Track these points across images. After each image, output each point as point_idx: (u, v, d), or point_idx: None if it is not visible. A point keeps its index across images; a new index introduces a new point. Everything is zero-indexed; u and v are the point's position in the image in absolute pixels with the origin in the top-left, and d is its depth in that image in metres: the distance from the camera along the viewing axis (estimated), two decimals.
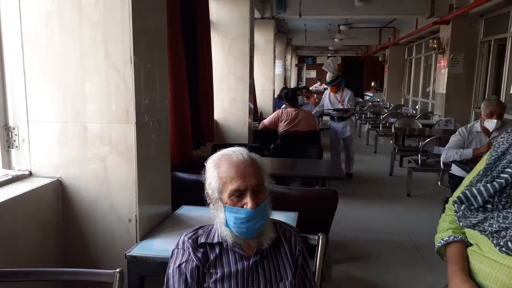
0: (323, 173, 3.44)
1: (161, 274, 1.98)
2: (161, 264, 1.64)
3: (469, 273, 1.13)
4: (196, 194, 2.49)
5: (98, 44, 1.73)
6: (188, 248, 1.27)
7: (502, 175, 1.08)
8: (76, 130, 1.80)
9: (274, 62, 7.52)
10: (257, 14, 6.86)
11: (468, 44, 7.37)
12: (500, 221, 1.02)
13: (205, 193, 1.32)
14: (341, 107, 5.86)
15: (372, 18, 10.08)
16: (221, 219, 1.24)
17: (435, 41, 7.81)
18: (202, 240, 1.28)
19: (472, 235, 1.14)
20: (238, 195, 1.21)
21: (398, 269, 3.29)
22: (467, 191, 1.12)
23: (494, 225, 1.03)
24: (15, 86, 1.80)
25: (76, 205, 1.83)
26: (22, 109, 1.82)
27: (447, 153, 3.48)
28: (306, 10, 7.25)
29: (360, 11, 7.24)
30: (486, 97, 7.01)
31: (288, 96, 5.01)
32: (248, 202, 1.20)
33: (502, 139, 1.17)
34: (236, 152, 1.28)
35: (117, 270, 1.24)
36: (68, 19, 1.74)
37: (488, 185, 1.08)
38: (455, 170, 3.66)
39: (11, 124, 1.83)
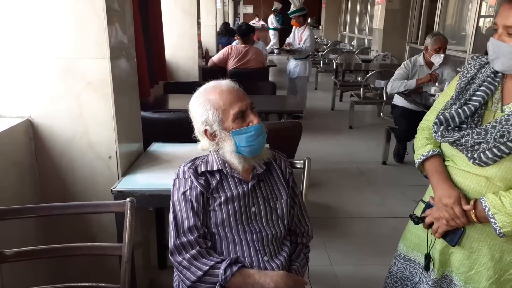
0: (281, 108, 3.54)
1: (150, 207, 2.04)
2: (149, 197, 1.68)
3: None
4: (159, 133, 2.50)
5: None
6: (190, 176, 1.32)
7: (474, 97, 1.23)
8: (43, 66, 1.68)
9: None
10: None
11: None
12: (475, 137, 1.18)
13: (197, 132, 1.34)
14: (298, 46, 5.75)
15: None
16: (228, 147, 1.30)
17: None
18: (202, 169, 1.34)
19: (447, 151, 1.30)
20: (241, 116, 1.28)
21: (348, 192, 3.61)
22: (446, 113, 1.26)
23: (469, 141, 1.19)
24: None
25: (50, 145, 1.76)
26: None
27: (392, 85, 3.74)
28: None
29: None
30: (419, 32, 7.40)
31: (241, 30, 4.79)
32: (253, 119, 1.29)
33: (470, 65, 1.31)
34: (219, 82, 1.33)
35: (128, 199, 1.25)
36: None
37: (464, 107, 1.23)
38: (398, 101, 3.96)
39: None
